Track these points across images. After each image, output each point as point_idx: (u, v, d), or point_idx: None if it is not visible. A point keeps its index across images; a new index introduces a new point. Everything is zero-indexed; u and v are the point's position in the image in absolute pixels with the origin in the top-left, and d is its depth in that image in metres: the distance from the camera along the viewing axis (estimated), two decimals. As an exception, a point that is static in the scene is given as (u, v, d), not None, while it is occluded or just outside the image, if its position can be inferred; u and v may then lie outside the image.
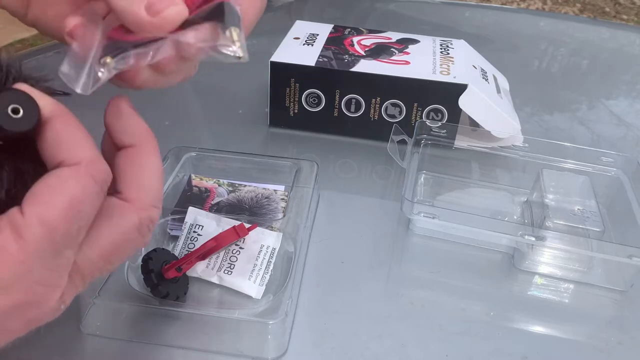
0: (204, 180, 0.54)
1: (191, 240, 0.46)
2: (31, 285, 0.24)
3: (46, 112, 0.25)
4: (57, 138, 0.25)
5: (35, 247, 0.23)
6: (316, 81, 0.63)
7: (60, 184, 0.24)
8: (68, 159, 0.25)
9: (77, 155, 0.25)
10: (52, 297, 0.25)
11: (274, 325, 0.39)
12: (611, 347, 0.43)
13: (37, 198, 0.24)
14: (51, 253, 0.24)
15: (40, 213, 0.24)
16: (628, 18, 3.06)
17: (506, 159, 0.60)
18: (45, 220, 0.24)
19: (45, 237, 0.24)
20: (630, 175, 0.55)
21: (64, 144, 0.25)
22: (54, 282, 0.25)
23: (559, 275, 0.49)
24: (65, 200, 0.24)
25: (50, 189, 0.24)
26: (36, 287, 0.24)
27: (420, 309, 0.45)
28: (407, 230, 0.53)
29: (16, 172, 0.26)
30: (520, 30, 1.04)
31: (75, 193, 0.24)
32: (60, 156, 0.25)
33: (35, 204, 0.24)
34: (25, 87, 0.26)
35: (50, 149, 0.25)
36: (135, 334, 0.41)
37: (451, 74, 0.61)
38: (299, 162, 0.55)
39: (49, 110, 0.26)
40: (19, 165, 0.26)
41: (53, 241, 0.24)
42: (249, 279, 0.44)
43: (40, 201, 0.24)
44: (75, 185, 0.24)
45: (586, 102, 0.81)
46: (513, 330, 0.45)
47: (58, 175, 0.25)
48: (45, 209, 0.24)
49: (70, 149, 0.25)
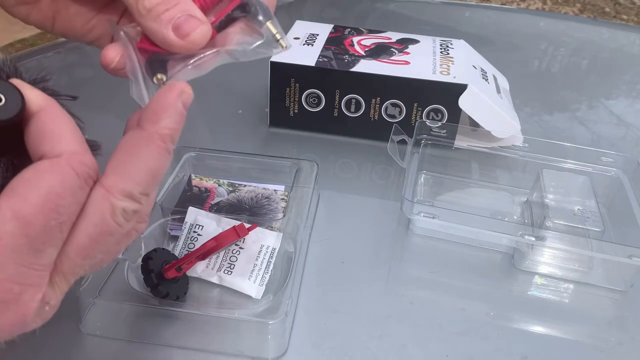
0: (204, 180, 0.54)
1: (191, 240, 0.46)
2: (3, 282, 0.23)
3: (33, 105, 0.25)
4: (41, 130, 0.24)
5: (8, 242, 0.22)
6: (316, 81, 0.63)
7: (37, 176, 0.23)
8: (49, 151, 0.24)
9: (58, 147, 0.24)
10: (31, 298, 0.24)
11: (274, 325, 0.39)
12: (611, 347, 0.43)
13: (12, 191, 0.23)
14: (27, 249, 0.23)
15: (15, 207, 0.22)
16: (628, 18, 3.06)
17: (506, 159, 0.60)
18: (19, 214, 0.22)
19: (19, 232, 0.22)
20: (630, 175, 0.55)
21: (47, 136, 0.24)
22: (32, 281, 0.24)
23: (559, 275, 0.49)
24: (42, 193, 0.23)
25: (27, 182, 0.23)
26: (10, 285, 0.23)
27: (420, 309, 0.45)
28: (407, 230, 0.53)
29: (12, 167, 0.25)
30: (520, 30, 1.04)
31: (53, 186, 0.23)
32: (43, 149, 0.24)
33: (9, 197, 0.23)
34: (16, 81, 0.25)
35: (34, 141, 0.24)
36: (135, 334, 0.41)
37: (451, 74, 0.61)
38: (299, 162, 0.55)
39: (37, 103, 0.25)
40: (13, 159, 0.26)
41: (28, 236, 0.22)
42: (249, 279, 0.44)
43: (15, 194, 0.23)
44: (53, 178, 0.23)
45: (586, 102, 0.81)
46: (513, 330, 0.45)
47: (36, 168, 0.23)
48: (19, 202, 0.22)
49: (53, 141, 0.24)
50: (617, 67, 0.93)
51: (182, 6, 0.28)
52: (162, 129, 0.26)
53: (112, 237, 0.26)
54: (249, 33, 0.30)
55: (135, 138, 0.26)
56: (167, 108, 0.27)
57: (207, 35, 0.29)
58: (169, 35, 0.28)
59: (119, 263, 0.43)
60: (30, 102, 0.25)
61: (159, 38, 0.29)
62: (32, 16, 0.33)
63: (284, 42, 0.30)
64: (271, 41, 0.30)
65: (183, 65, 0.30)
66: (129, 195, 0.25)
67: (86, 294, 0.40)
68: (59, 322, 0.41)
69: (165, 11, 0.28)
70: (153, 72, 0.30)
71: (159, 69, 0.30)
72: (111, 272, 0.43)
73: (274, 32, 0.30)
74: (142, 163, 0.26)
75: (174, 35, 0.28)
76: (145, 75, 0.30)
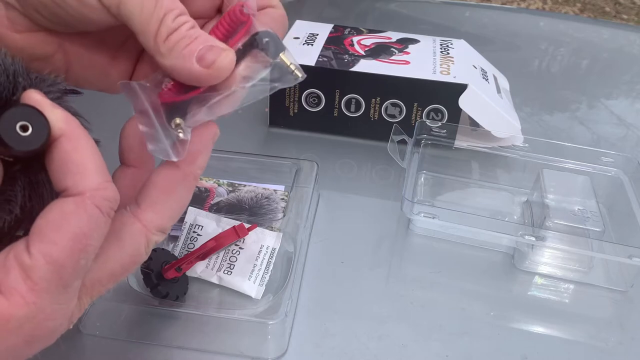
0: (204, 180, 0.54)
1: (191, 241, 0.46)
2: (42, 322, 0.24)
3: (56, 129, 0.24)
4: (64, 161, 0.24)
5: (45, 287, 0.23)
6: (316, 81, 0.63)
7: (64, 219, 0.24)
8: (72, 187, 0.24)
9: (82, 183, 0.24)
10: (62, 326, 0.26)
11: (274, 325, 0.39)
12: (611, 347, 0.43)
13: (42, 236, 0.24)
14: (61, 289, 0.24)
15: (46, 251, 0.23)
16: (628, 18, 3.06)
17: (506, 159, 0.59)
18: (52, 259, 0.23)
19: (53, 276, 0.23)
20: (630, 175, 0.55)
21: (70, 169, 0.24)
22: (64, 314, 0.25)
23: (559, 276, 0.49)
24: (70, 236, 0.23)
25: (54, 225, 0.24)
26: (47, 323, 0.24)
27: (420, 309, 0.45)
28: (407, 230, 0.53)
29: (30, 186, 0.25)
30: (520, 30, 1.04)
31: (80, 227, 0.24)
32: (66, 182, 0.24)
33: (40, 242, 0.23)
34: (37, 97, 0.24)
35: (57, 172, 0.25)
36: (135, 334, 0.41)
37: (451, 73, 0.61)
38: (299, 162, 0.55)
39: (59, 127, 0.24)
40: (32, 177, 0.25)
41: (62, 278, 0.24)
42: (249, 279, 0.44)
43: (45, 239, 0.23)
44: (79, 219, 0.24)
45: (586, 102, 0.81)
46: (513, 330, 0.45)
47: (61, 209, 0.24)
48: (50, 247, 0.23)
49: (76, 175, 0.24)
50: (617, 67, 0.93)
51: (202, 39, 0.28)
52: (197, 169, 0.29)
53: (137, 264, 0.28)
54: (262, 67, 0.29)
55: (171, 176, 0.28)
56: (204, 150, 0.29)
57: (232, 60, 0.28)
58: (194, 68, 0.28)
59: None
60: (53, 126, 0.24)
61: (185, 73, 0.28)
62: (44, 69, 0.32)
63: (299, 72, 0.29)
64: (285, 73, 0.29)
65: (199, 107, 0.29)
66: (163, 230, 0.28)
67: (86, 294, 0.40)
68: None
69: (187, 46, 0.28)
70: (170, 119, 0.29)
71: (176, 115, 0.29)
72: (111, 272, 0.43)
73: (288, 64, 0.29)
74: (177, 202, 0.28)
75: (199, 66, 0.28)
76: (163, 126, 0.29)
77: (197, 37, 0.28)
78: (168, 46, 0.28)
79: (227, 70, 0.28)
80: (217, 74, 0.28)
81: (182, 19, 0.28)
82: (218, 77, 0.28)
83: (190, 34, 0.28)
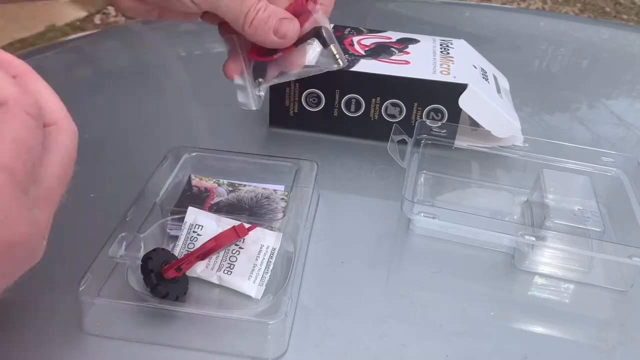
0: (204, 180, 0.54)
1: (191, 240, 0.46)
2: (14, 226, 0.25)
3: None
4: None
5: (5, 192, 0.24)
6: (316, 81, 0.62)
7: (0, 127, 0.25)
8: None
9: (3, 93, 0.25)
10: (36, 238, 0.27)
11: (274, 325, 0.39)
12: (611, 347, 0.43)
13: None
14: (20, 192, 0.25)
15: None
16: (628, 18, 3.06)
17: (506, 159, 0.59)
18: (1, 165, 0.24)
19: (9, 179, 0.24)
20: (630, 175, 0.55)
21: None
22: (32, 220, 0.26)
23: (559, 275, 0.49)
24: (10, 140, 0.25)
25: None
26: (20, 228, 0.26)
27: (420, 309, 0.45)
28: (407, 230, 0.53)
29: None
30: (520, 30, 1.04)
31: (16, 131, 0.25)
32: None
33: None
34: None
35: None
36: (135, 334, 0.41)
37: (451, 73, 0.61)
38: (299, 162, 0.55)
39: None
40: None
41: (17, 181, 0.25)
42: (249, 279, 0.44)
43: None
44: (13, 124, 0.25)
45: (586, 102, 0.81)
46: (513, 330, 0.45)
47: None
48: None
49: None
50: (617, 67, 0.93)
51: (274, 15, 0.42)
52: None
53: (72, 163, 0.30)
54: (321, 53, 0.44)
55: None
56: None
57: (297, 29, 0.43)
58: (272, 39, 0.42)
59: (118, 263, 0.43)
60: None
61: (267, 43, 0.43)
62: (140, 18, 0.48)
63: (342, 61, 0.45)
64: (331, 59, 0.44)
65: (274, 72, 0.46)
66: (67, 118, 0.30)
67: (86, 294, 0.40)
68: (59, 322, 0.41)
69: (265, 25, 0.42)
70: (255, 77, 0.46)
71: (259, 74, 0.46)
72: (111, 272, 0.43)
73: (335, 53, 0.44)
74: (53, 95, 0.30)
75: (276, 37, 0.42)
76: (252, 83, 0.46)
77: (270, 15, 0.42)
78: (253, 29, 0.42)
79: (295, 36, 0.43)
80: (289, 41, 0.43)
81: (259, 5, 0.42)
82: (290, 42, 0.43)
83: (265, 15, 0.42)
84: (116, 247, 0.42)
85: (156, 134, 0.53)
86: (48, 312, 0.42)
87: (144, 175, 0.52)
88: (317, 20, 0.43)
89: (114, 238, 0.43)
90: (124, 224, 0.46)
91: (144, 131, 0.64)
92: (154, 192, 0.50)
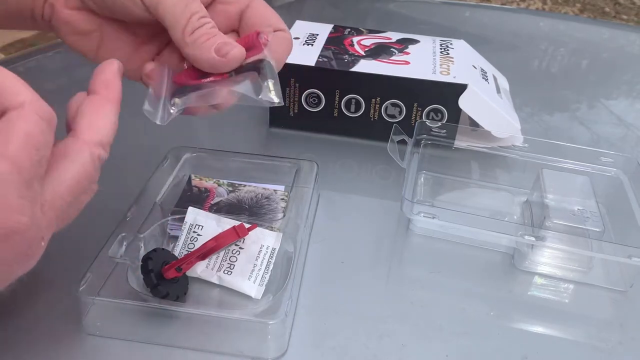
0: (204, 180, 0.54)
1: (191, 241, 0.46)
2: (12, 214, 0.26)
3: None
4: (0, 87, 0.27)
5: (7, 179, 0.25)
6: (316, 81, 0.63)
7: (11, 125, 0.26)
8: (12, 103, 0.27)
9: (19, 98, 0.27)
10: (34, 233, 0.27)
11: (274, 325, 0.39)
12: (611, 347, 0.43)
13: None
14: (23, 183, 0.26)
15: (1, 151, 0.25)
16: (628, 18, 3.06)
17: (506, 159, 0.60)
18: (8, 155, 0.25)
19: (13, 169, 0.25)
20: (630, 175, 0.55)
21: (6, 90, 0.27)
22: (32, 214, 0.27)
23: (559, 276, 0.49)
24: (21, 135, 0.26)
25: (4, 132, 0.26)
26: (18, 217, 0.26)
27: (420, 309, 0.45)
28: (407, 230, 0.53)
29: None
30: (520, 30, 1.04)
31: (28, 129, 0.26)
32: (5, 103, 0.27)
33: None
34: None
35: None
36: (135, 334, 0.41)
37: (451, 74, 0.61)
38: (299, 162, 0.55)
39: None
40: None
41: (21, 172, 0.26)
42: (249, 279, 0.44)
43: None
44: (24, 122, 0.26)
45: (586, 102, 0.82)
46: (513, 330, 0.45)
47: (7, 119, 0.26)
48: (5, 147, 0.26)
49: (12, 94, 0.27)
50: (617, 67, 0.93)
51: (220, 36, 0.37)
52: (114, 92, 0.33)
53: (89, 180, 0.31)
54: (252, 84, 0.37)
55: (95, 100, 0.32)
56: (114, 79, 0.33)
57: (242, 53, 0.37)
58: (212, 56, 0.36)
59: (118, 263, 0.43)
60: None
61: (204, 60, 0.37)
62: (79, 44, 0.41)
63: (276, 98, 0.37)
64: (267, 95, 0.37)
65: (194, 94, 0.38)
66: (102, 144, 0.31)
67: (86, 294, 0.40)
68: (59, 322, 0.41)
69: (207, 40, 0.36)
70: (172, 97, 0.38)
71: (178, 95, 0.38)
72: (111, 272, 0.43)
73: (271, 89, 0.37)
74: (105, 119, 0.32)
75: (216, 56, 0.36)
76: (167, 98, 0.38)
77: (216, 35, 0.37)
78: (192, 38, 0.36)
79: (238, 60, 0.37)
80: (230, 63, 0.37)
81: (205, 20, 0.37)
82: (230, 65, 0.37)
83: (211, 31, 0.37)
84: (116, 247, 0.42)
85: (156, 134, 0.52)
86: (48, 312, 0.42)
87: (144, 175, 0.52)
88: (264, 54, 0.37)
89: (114, 238, 0.43)
90: (124, 224, 0.46)
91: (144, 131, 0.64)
92: (154, 192, 0.50)
